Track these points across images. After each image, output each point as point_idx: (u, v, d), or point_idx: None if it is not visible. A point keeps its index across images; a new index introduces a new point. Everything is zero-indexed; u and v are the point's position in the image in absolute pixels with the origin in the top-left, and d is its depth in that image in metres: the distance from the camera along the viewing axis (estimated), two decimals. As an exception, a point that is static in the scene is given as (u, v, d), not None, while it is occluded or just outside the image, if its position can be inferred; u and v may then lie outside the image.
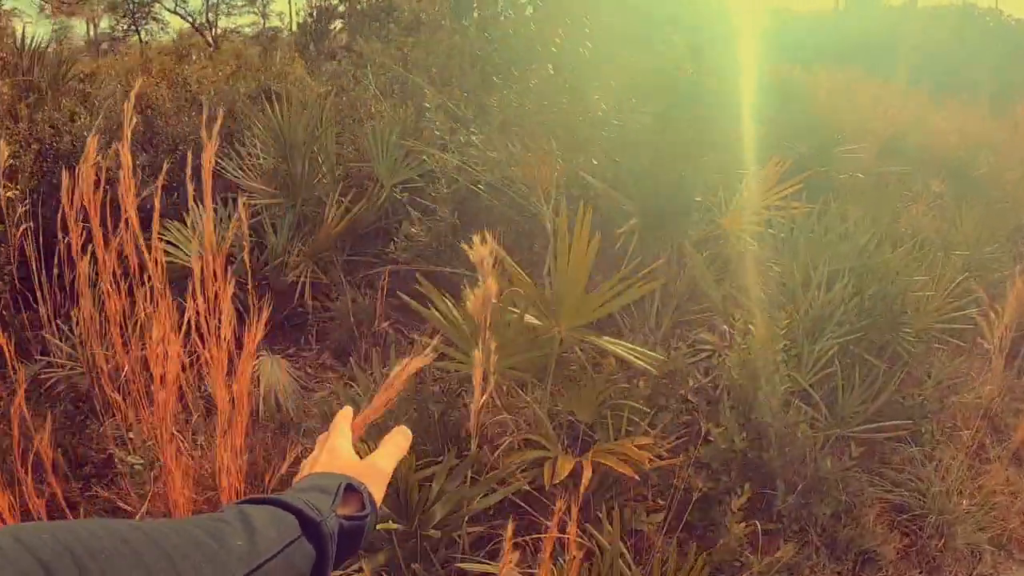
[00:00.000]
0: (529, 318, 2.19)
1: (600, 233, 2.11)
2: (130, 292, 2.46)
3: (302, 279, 3.89)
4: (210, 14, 14.15)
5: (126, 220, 2.36)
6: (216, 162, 4.81)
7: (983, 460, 2.94)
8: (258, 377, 3.23)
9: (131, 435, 2.48)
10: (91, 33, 13.99)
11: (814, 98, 6.13)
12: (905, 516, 2.49)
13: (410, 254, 3.87)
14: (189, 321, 2.16)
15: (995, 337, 2.63)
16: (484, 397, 1.40)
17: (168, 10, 15.08)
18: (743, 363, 2.20)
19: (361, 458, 0.73)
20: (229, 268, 2.16)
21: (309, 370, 3.93)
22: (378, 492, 0.70)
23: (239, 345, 2.11)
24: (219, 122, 2.27)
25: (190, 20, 14.21)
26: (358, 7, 6.70)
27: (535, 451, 2.05)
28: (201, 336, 2.15)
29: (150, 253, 2.27)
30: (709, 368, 2.49)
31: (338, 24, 6.51)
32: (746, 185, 3.25)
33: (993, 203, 5.52)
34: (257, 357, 3.53)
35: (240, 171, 4.41)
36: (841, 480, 2.40)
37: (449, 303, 2.27)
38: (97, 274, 2.49)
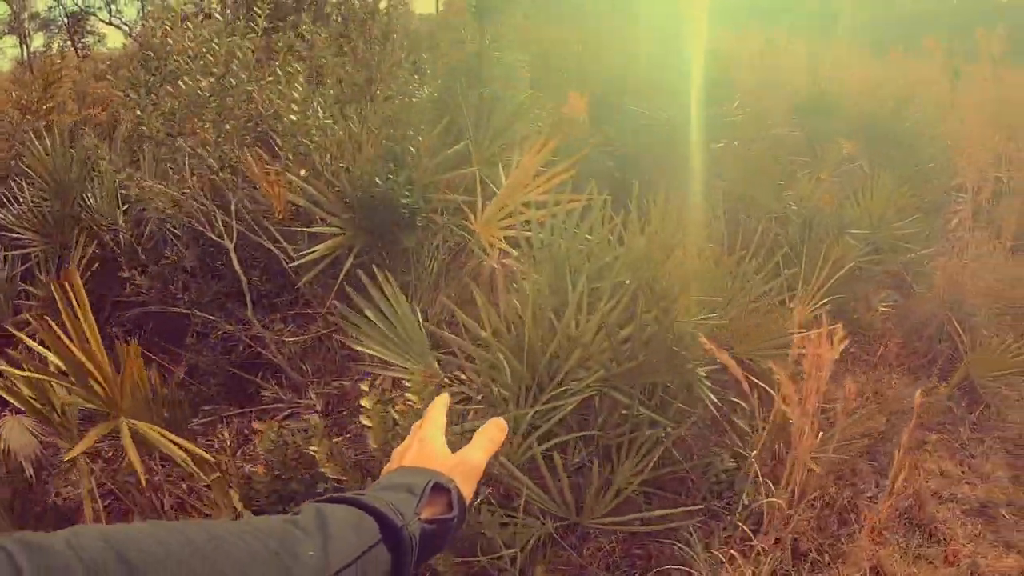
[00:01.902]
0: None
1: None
2: None
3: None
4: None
5: None
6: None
7: (843, 535, 2.06)
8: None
9: None
10: (23, 53, 13.49)
11: (718, 57, 5.20)
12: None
13: (152, 296, 3.15)
14: None
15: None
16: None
17: (103, 22, 14.59)
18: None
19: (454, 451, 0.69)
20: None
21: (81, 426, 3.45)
22: (468, 489, 0.66)
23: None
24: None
25: (126, 30, 13.71)
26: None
27: None
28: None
29: None
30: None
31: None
32: (508, 178, 2.43)
33: (923, 163, 4.60)
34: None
35: (13, 215, 3.76)
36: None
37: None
38: None
